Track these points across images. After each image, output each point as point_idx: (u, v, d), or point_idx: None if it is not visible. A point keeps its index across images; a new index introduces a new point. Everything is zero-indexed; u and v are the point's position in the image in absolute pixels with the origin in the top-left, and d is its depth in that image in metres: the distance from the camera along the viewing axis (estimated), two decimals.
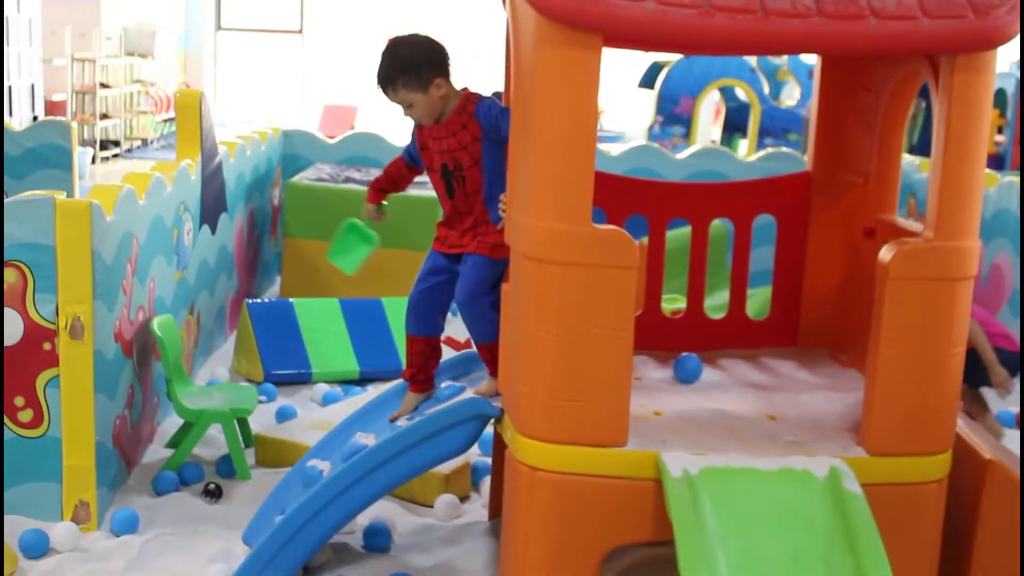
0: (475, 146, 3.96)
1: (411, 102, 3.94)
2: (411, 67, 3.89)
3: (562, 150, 3.36)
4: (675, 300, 6.44)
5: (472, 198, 4.01)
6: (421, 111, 3.96)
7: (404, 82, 3.90)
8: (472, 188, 3.99)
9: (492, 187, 3.96)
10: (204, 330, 6.58)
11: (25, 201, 4.32)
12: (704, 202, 4.61)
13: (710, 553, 3.18)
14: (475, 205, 4.02)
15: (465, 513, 4.73)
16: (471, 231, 4.03)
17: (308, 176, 8.07)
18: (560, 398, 3.44)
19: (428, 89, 3.91)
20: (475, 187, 3.99)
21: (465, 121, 3.95)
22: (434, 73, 3.91)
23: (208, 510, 4.70)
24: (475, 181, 3.98)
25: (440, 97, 3.94)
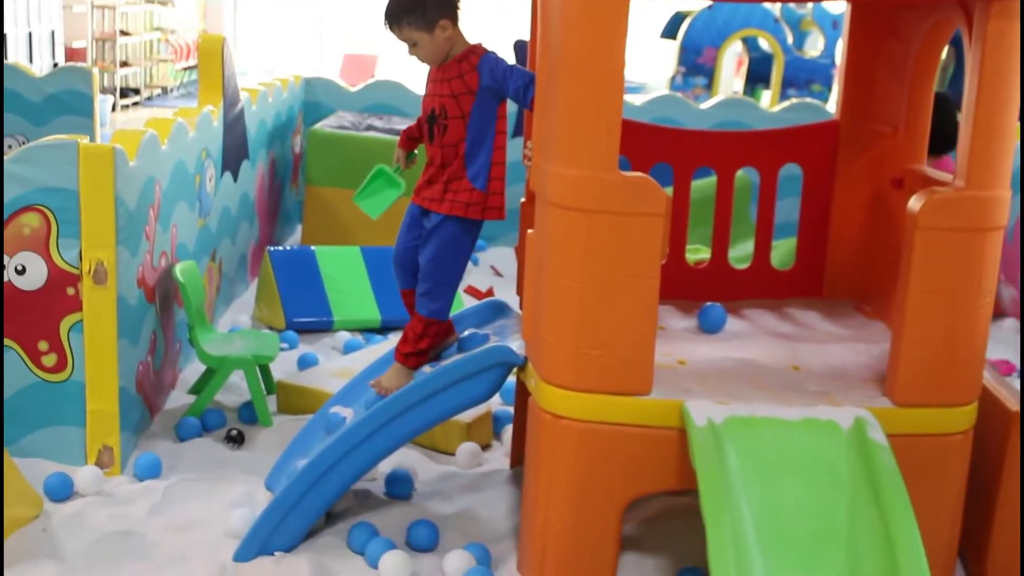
0: (466, 99, 3.92)
1: (415, 41, 3.91)
2: (417, 5, 3.86)
3: (589, 96, 3.33)
4: (698, 251, 6.42)
5: (449, 151, 3.97)
6: (425, 51, 3.93)
7: (409, 20, 3.87)
8: (450, 140, 3.95)
9: (474, 144, 3.94)
10: (226, 277, 6.58)
11: (48, 145, 4.30)
12: (730, 151, 4.58)
13: (734, 502, 3.17)
14: (453, 159, 3.98)
15: (487, 461, 4.74)
16: (445, 186, 4.00)
17: (330, 124, 8.04)
18: (585, 346, 3.43)
19: (433, 30, 3.88)
20: (453, 140, 3.95)
21: (464, 71, 3.91)
22: (440, 14, 3.88)
23: (230, 456, 4.71)
24: (456, 134, 3.94)
25: (445, 39, 3.91)
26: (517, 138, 8.59)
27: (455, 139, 3.95)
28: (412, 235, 4.17)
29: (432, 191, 4.04)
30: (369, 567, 3.84)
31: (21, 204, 4.27)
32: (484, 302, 4.49)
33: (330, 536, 4.01)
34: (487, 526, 4.14)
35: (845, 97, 4.52)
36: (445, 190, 3.99)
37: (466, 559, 3.80)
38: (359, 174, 7.65)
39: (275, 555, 3.84)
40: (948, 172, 3.97)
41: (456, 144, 3.95)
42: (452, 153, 3.97)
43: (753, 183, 7.05)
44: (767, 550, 3.10)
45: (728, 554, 3.06)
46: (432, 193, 4.04)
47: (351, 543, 3.96)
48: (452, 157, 3.97)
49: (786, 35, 15.04)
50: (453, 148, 3.96)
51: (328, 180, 7.73)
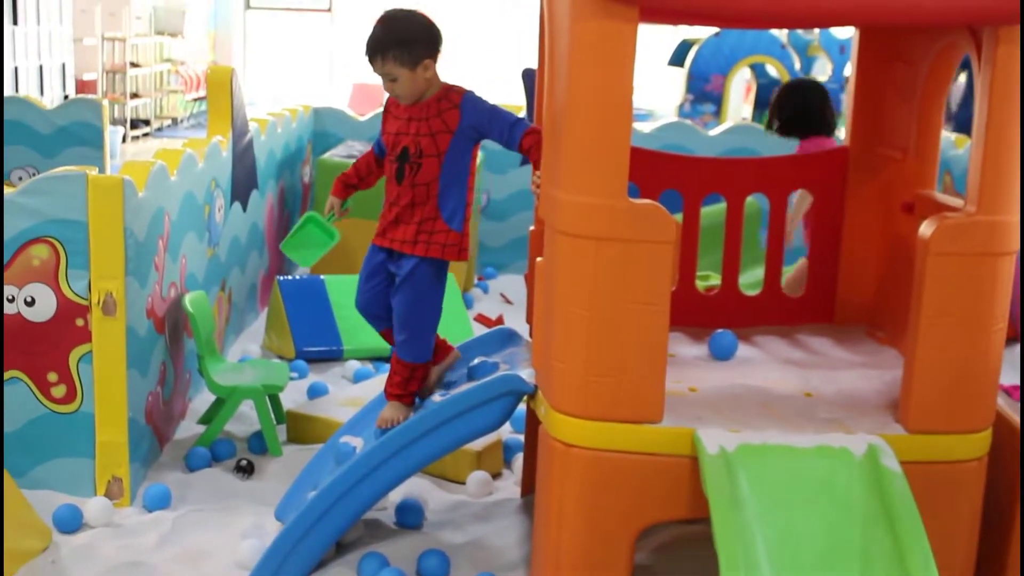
0: (443, 137, 3.89)
1: (396, 76, 3.87)
2: (405, 41, 3.84)
3: (598, 124, 3.32)
4: (708, 277, 6.41)
5: (421, 190, 3.93)
6: (404, 88, 3.89)
7: (395, 55, 3.85)
8: (423, 179, 3.91)
9: (447, 184, 3.92)
10: (235, 307, 6.58)
11: (57, 177, 4.31)
12: (739, 177, 4.56)
13: (746, 531, 3.14)
14: (425, 199, 3.93)
15: (497, 490, 4.72)
16: (418, 227, 3.95)
17: (339, 153, 8.04)
18: (595, 374, 3.41)
19: (416, 68, 3.85)
20: (426, 179, 3.91)
21: (444, 109, 3.89)
22: (426, 52, 3.86)
23: (240, 486, 4.70)
24: (430, 172, 3.91)
25: (426, 79, 3.88)
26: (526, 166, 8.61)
27: (428, 178, 3.91)
28: (376, 280, 4.13)
29: (403, 232, 3.99)
30: None
31: (30, 236, 4.28)
32: (494, 330, 4.47)
33: (340, 567, 3.99)
34: (498, 555, 4.12)
35: (854, 122, 4.51)
36: (419, 231, 3.95)
37: None
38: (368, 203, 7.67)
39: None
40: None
41: (429, 183, 3.92)
42: (424, 193, 3.93)
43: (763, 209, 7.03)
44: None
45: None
46: (403, 234, 3.99)
47: (361, 573, 3.94)
48: (424, 197, 3.93)
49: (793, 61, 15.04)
50: (425, 187, 3.92)
51: None
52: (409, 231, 3.96)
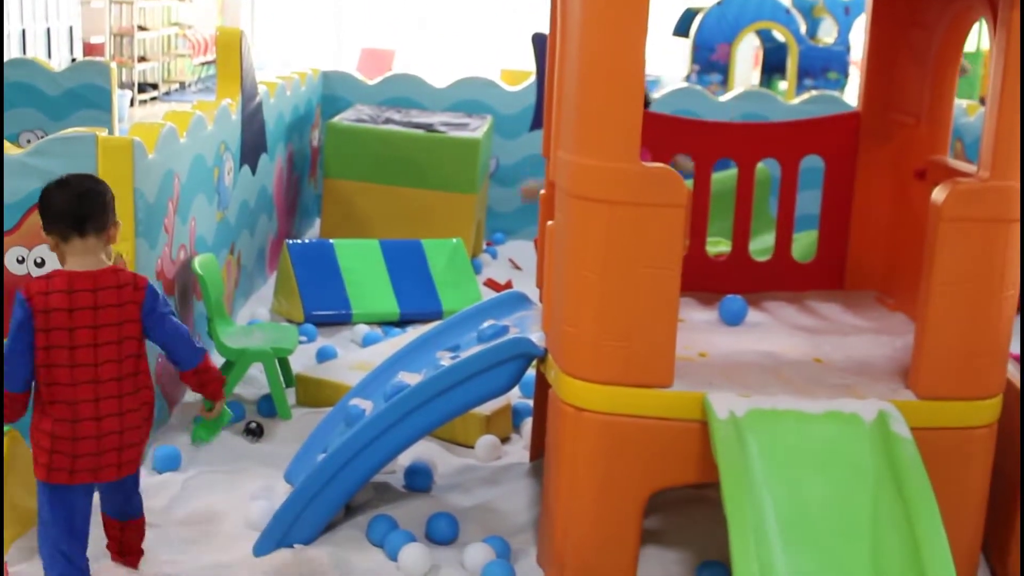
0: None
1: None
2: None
3: (610, 86, 3.31)
4: (717, 243, 6.39)
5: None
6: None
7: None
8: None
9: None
10: (244, 271, 6.58)
11: (67, 138, 4.30)
12: (751, 142, 4.55)
13: (756, 495, 3.15)
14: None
15: (506, 454, 4.72)
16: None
17: (348, 117, 8.03)
18: (605, 338, 3.41)
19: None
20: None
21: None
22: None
23: (249, 448, 4.71)
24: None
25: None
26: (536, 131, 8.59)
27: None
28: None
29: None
30: (388, 560, 3.83)
31: None
32: (504, 294, 4.46)
33: (349, 529, 4.00)
34: (507, 519, 4.13)
35: (867, 87, 4.49)
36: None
37: (486, 552, 3.78)
38: (377, 167, 7.68)
39: (294, 548, 3.82)
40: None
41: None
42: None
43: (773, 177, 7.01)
44: (789, 544, 3.08)
45: (750, 548, 3.04)
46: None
47: (370, 536, 3.95)
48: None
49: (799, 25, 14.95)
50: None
51: (346, 173, 7.72)
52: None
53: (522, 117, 8.83)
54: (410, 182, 7.62)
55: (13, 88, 8.88)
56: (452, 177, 7.61)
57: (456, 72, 9.55)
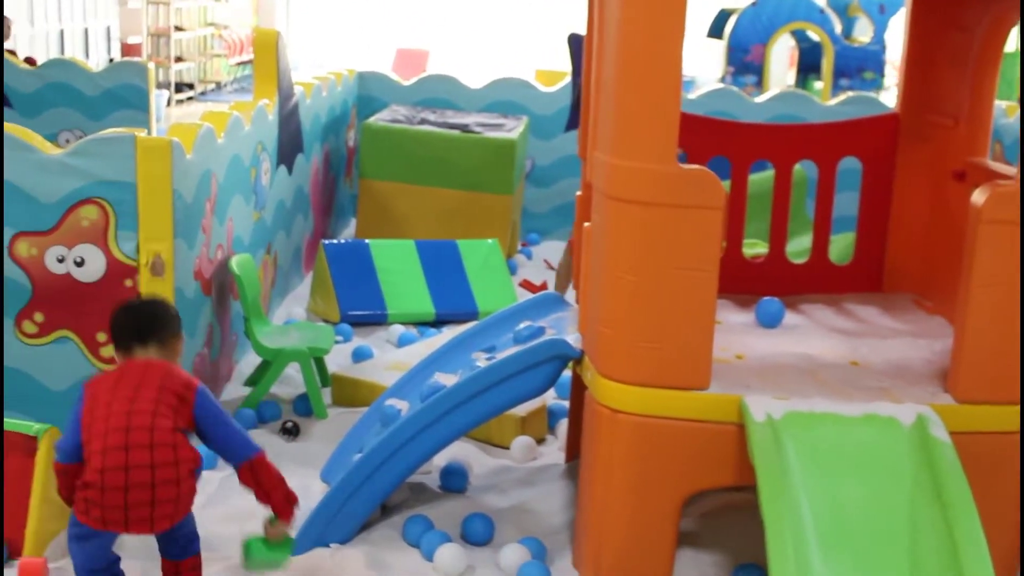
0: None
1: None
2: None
3: (648, 88, 3.31)
4: (754, 245, 6.37)
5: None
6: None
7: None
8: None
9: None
10: (281, 270, 6.61)
11: (106, 138, 4.33)
12: (788, 144, 4.54)
13: (793, 499, 3.14)
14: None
15: (541, 455, 4.72)
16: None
17: (384, 117, 8.05)
18: (642, 340, 3.40)
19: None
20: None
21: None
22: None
23: (286, 448, 4.73)
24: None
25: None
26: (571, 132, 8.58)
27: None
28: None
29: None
30: (424, 560, 3.84)
31: (80, 197, 4.31)
32: (540, 295, 4.47)
33: (385, 529, 4.01)
34: (542, 520, 4.13)
35: (906, 89, 4.46)
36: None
37: (521, 553, 3.79)
38: (413, 167, 7.70)
39: (330, 547, 3.85)
40: None
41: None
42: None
43: (809, 178, 6.98)
44: (827, 548, 3.07)
45: (787, 551, 3.03)
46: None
47: (406, 536, 3.96)
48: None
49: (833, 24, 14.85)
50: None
51: (382, 174, 7.74)
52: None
53: (558, 118, 8.83)
54: (446, 183, 7.64)
55: (51, 88, 8.98)
56: (488, 178, 7.62)
57: (491, 73, 9.56)
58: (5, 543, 3.75)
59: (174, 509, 3.25)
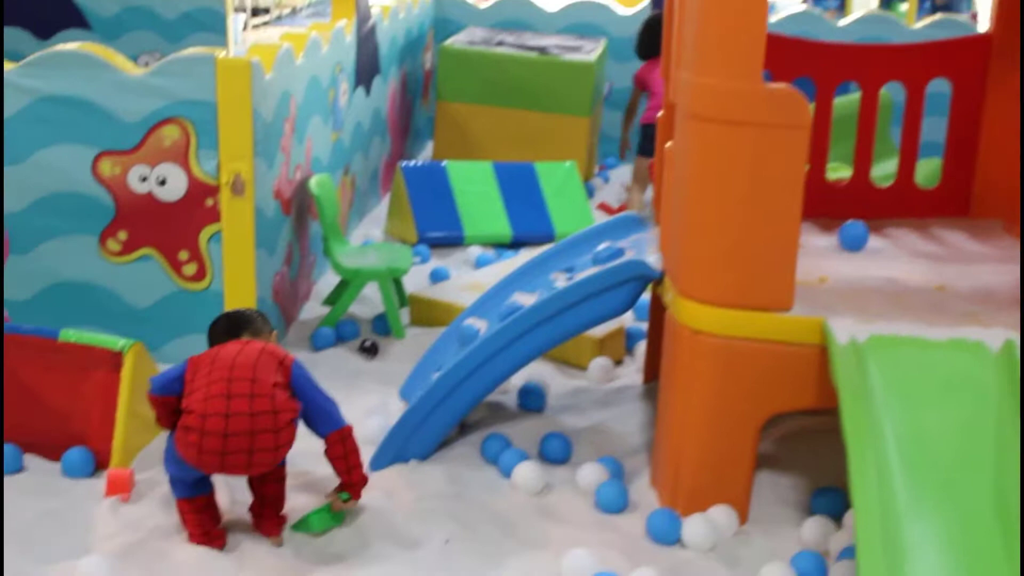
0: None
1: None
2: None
3: (733, 2, 3.23)
4: (835, 170, 6.27)
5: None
6: None
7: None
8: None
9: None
10: (358, 192, 6.62)
11: (187, 58, 4.35)
12: (876, 65, 4.44)
13: (876, 422, 3.09)
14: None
15: (618, 377, 4.72)
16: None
17: (461, 40, 8.00)
18: (725, 260, 3.37)
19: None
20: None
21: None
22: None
23: (364, 366, 4.77)
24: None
25: None
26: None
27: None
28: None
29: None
30: (502, 477, 3.87)
31: (162, 116, 4.34)
32: (620, 216, 4.44)
33: (463, 446, 4.04)
34: (619, 440, 4.13)
35: (1000, 9, 4.34)
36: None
37: (599, 472, 3.80)
38: (490, 90, 7.65)
39: (410, 463, 3.89)
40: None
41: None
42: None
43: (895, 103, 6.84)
44: (910, 472, 3.02)
45: (870, 475, 2.99)
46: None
47: (484, 453, 3.99)
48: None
49: None
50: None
51: (459, 96, 7.71)
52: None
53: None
54: (523, 105, 7.59)
55: (130, 11, 9.01)
56: (565, 100, 7.55)
57: None
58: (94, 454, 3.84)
59: (273, 457, 3.32)
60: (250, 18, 17.62)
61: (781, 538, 3.56)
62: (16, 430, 3.91)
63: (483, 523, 3.59)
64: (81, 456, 3.83)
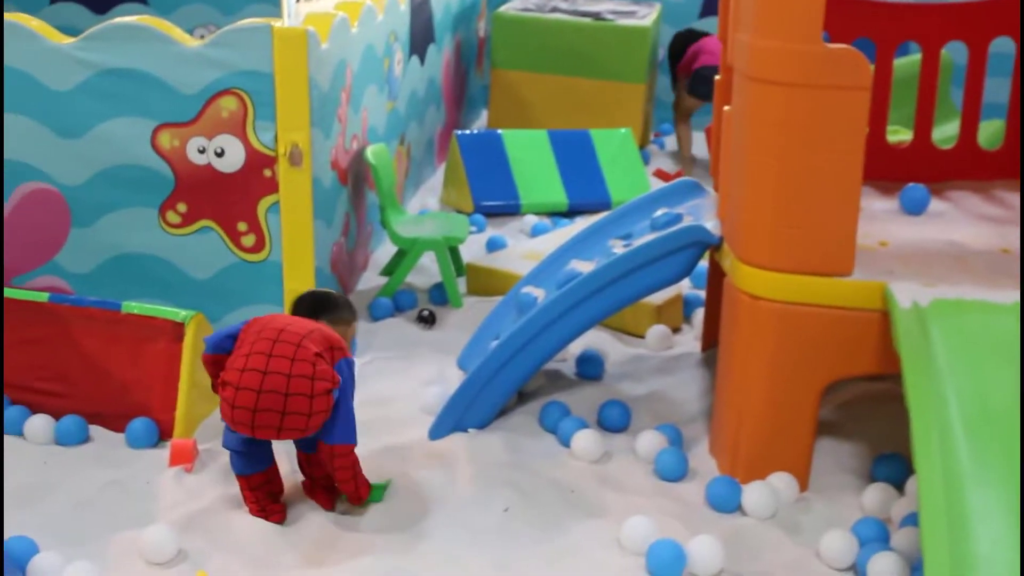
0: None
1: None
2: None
3: None
4: (895, 132, 6.19)
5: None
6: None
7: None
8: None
9: None
10: (414, 161, 6.63)
11: (243, 29, 4.35)
12: (937, 24, 4.37)
13: (939, 388, 3.05)
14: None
15: (677, 344, 4.70)
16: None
17: (515, 7, 7.96)
18: (784, 225, 3.34)
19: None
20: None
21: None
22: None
23: (422, 335, 4.78)
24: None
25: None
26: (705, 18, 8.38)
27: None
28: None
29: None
30: (561, 445, 3.87)
31: (219, 87, 4.35)
32: (677, 182, 4.40)
33: (522, 415, 4.05)
34: (678, 408, 4.12)
35: None
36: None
37: (658, 439, 3.79)
38: (545, 57, 7.62)
39: (469, 432, 3.89)
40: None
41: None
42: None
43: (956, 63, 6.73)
44: (973, 438, 2.98)
45: (932, 440, 2.95)
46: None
47: (543, 422, 3.99)
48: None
49: None
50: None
51: (514, 63, 7.68)
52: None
53: (691, 4, 8.63)
54: (577, 71, 7.54)
55: None
56: (620, 66, 7.50)
57: None
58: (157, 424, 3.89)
59: (305, 424, 3.28)
60: None
61: (842, 505, 3.54)
62: (81, 401, 3.97)
63: (542, 491, 3.59)
64: (145, 427, 3.87)
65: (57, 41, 4.37)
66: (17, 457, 3.79)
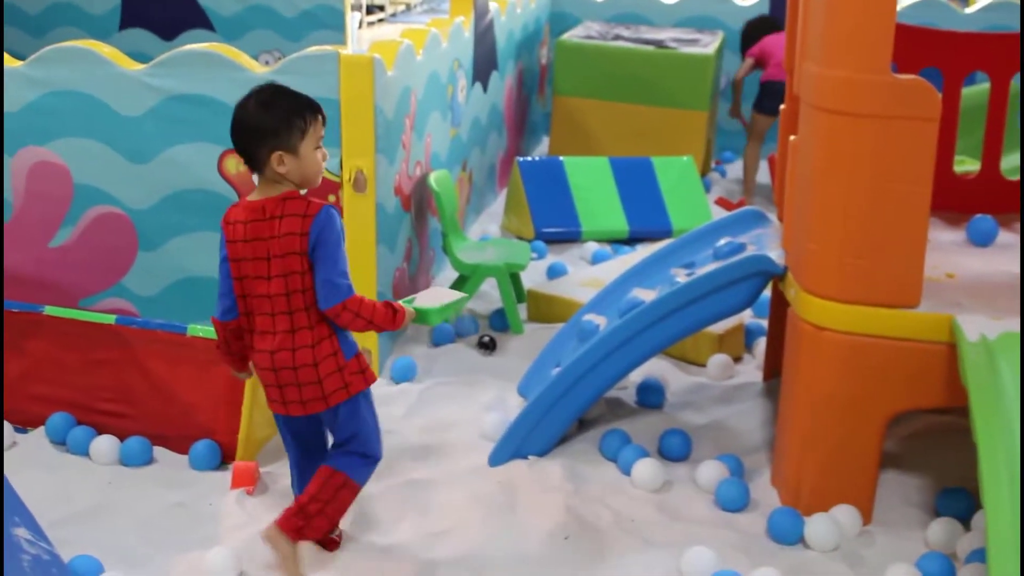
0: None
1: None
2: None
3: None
4: (962, 162, 6.13)
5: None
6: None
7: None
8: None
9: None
10: (476, 187, 6.65)
11: (310, 56, 4.40)
12: (1006, 54, 4.33)
13: (1008, 421, 3.01)
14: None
15: (738, 374, 4.67)
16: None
17: (577, 34, 7.98)
18: (851, 256, 3.31)
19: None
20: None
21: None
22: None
23: (483, 361, 4.79)
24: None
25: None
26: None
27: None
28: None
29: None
30: (622, 474, 3.85)
31: None
32: (740, 211, 4.38)
33: (582, 443, 4.04)
34: (740, 438, 4.09)
35: None
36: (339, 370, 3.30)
37: (719, 469, 3.76)
38: (607, 84, 7.63)
39: (528, 459, 3.89)
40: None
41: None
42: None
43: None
44: None
45: (1001, 476, 2.90)
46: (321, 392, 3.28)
47: (603, 450, 3.98)
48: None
49: None
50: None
51: (576, 90, 7.70)
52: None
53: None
54: (640, 99, 7.55)
55: (252, 10, 9.17)
56: (682, 94, 7.49)
57: None
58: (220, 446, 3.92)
59: (320, 392, 3.20)
60: (365, 16, 17.81)
61: (906, 539, 3.50)
62: (145, 423, 4.01)
63: (602, 519, 3.58)
64: (208, 449, 3.91)
65: (128, 67, 4.44)
66: (83, 477, 3.84)
